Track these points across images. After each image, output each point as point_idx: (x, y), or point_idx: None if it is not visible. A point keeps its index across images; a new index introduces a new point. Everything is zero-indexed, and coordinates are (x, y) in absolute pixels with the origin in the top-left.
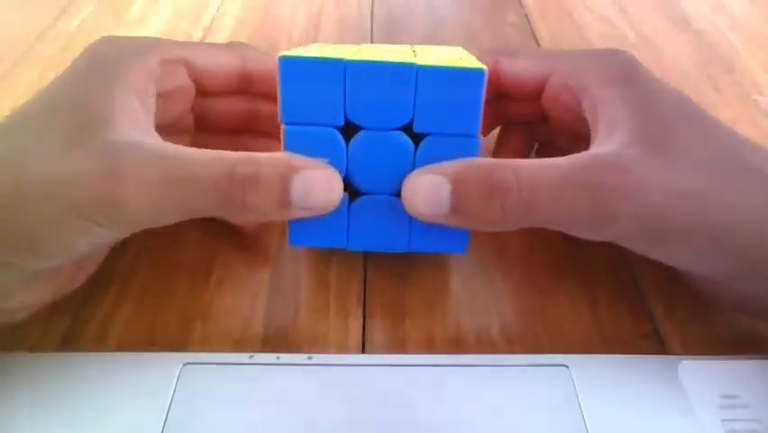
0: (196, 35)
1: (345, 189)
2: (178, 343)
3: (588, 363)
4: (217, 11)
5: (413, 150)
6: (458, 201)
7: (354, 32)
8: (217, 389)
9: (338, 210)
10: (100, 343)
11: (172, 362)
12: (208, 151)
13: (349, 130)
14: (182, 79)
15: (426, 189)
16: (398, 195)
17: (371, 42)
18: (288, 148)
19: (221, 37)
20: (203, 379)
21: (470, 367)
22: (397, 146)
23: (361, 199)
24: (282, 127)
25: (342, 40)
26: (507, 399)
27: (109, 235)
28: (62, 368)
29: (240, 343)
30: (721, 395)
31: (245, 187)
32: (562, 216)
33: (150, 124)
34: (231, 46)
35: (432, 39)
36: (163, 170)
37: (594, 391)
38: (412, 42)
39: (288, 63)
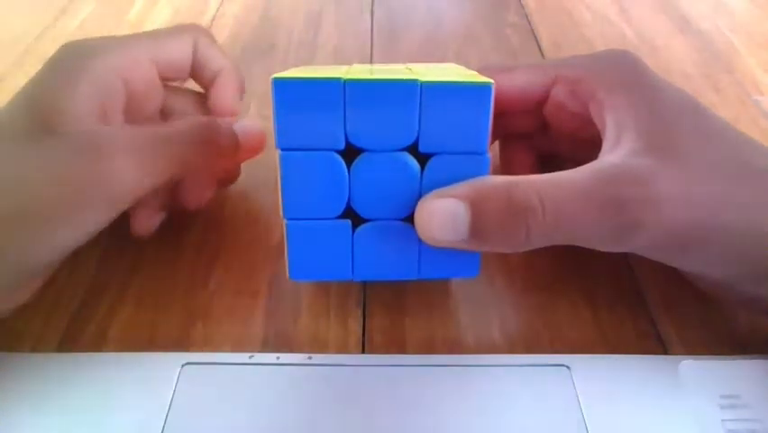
0: None
1: (349, 216)
2: (178, 343)
3: (588, 364)
4: (217, 11)
5: (419, 171)
6: (478, 225)
7: (354, 32)
8: (217, 389)
9: (341, 239)
10: (100, 343)
11: (172, 362)
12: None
13: (350, 153)
14: (153, 77)
15: (442, 215)
16: (405, 219)
17: (371, 42)
18: (285, 175)
19: (221, 37)
20: (203, 379)
21: (470, 367)
22: (402, 168)
23: (365, 226)
24: (278, 153)
25: (341, 40)
26: (508, 399)
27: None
28: (62, 368)
29: (240, 343)
30: (721, 395)
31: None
32: (585, 233)
33: (116, 116)
34: (184, 31)
35: (432, 39)
36: (146, 134)
37: (594, 391)
38: (412, 42)
39: (283, 85)
